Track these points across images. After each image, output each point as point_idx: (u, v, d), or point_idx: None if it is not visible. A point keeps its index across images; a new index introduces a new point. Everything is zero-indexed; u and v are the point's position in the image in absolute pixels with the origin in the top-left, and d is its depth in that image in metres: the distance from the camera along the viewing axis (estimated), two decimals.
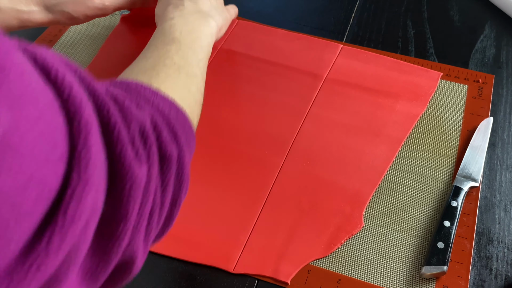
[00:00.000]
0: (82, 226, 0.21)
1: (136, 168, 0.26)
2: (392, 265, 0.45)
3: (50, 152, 0.20)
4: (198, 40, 0.46)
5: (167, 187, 0.30)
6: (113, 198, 0.25)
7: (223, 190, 0.49)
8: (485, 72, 0.60)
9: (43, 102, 0.20)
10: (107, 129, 0.25)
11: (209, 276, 0.44)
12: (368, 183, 0.50)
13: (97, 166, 0.22)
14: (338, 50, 0.62)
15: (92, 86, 0.25)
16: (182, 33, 0.45)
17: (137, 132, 0.27)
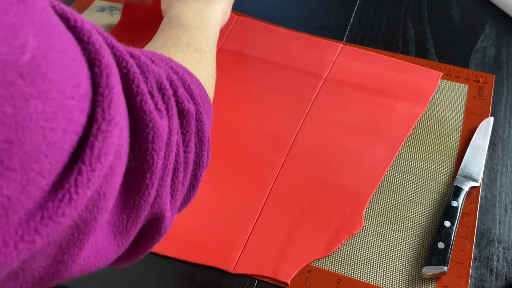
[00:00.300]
0: (108, 166, 0.21)
1: (157, 119, 0.26)
2: (392, 266, 0.45)
3: (76, 87, 0.20)
4: (204, 22, 0.47)
5: (189, 143, 0.31)
6: (137, 150, 0.25)
7: (223, 190, 0.49)
8: (486, 72, 0.60)
9: (66, 38, 0.21)
10: (126, 79, 0.25)
11: (209, 276, 0.44)
12: (368, 183, 0.50)
13: (120, 107, 0.23)
14: (338, 50, 0.62)
15: (110, 40, 0.26)
16: (187, 17, 0.46)
17: (155, 85, 0.28)
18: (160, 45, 0.42)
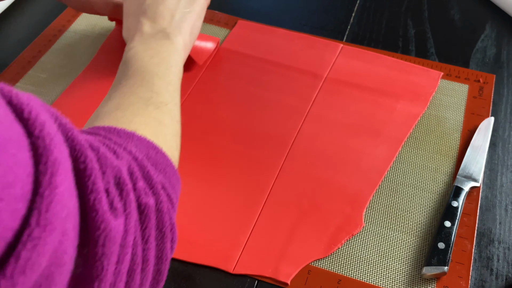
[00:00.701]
0: (37, 275, 0.19)
1: (111, 219, 0.24)
2: (393, 266, 0.45)
3: (7, 187, 0.18)
4: (164, 62, 0.43)
5: (149, 239, 0.28)
6: (86, 254, 0.23)
7: (223, 190, 0.49)
8: (486, 72, 0.60)
9: (5, 133, 0.19)
10: (82, 176, 0.23)
11: (209, 276, 0.44)
12: (368, 183, 0.49)
13: (62, 209, 0.21)
14: (338, 50, 0.62)
15: (71, 133, 0.24)
16: (144, 61, 0.42)
17: (113, 180, 0.26)
18: (115, 106, 0.37)
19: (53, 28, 0.66)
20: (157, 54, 0.43)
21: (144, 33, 0.46)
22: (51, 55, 0.63)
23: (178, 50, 0.46)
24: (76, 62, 0.62)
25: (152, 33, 0.46)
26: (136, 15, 0.48)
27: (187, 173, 0.50)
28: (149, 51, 0.43)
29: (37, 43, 0.64)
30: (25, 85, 0.59)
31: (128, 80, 0.40)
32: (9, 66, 0.61)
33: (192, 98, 0.57)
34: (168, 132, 0.38)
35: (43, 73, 0.61)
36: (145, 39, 0.45)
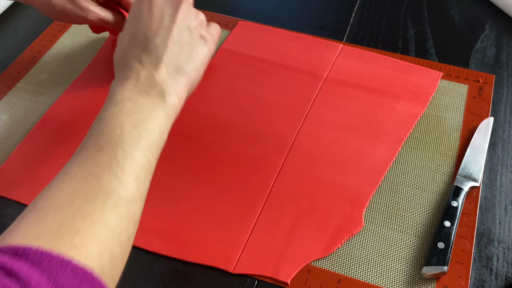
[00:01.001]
0: None
1: None
2: (392, 266, 0.45)
3: None
4: (146, 135, 0.37)
5: None
6: None
7: (223, 190, 0.49)
8: (486, 72, 0.60)
9: None
10: None
11: (209, 276, 0.44)
12: (368, 183, 0.50)
13: None
14: (338, 50, 0.62)
15: None
16: (123, 131, 0.36)
17: None
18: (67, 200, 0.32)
19: (54, 28, 0.66)
20: (142, 122, 0.37)
21: (138, 82, 0.40)
22: (52, 55, 0.63)
23: (169, 115, 0.40)
24: (77, 62, 0.62)
25: (147, 85, 0.40)
26: (137, 48, 0.42)
27: (187, 173, 0.51)
28: (133, 116, 0.37)
29: (37, 43, 0.64)
30: (25, 85, 0.59)
31: (97, 155, 0.35)
32: (9, 66, 0.61)
33: (192, 98, 0.57)
34: (119, 243, 0.32)
35: (43, 73, 0.61)
36: (136, 94, 0.39)
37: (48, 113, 0.56)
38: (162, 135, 0.39)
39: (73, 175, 0.34)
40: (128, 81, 0.40)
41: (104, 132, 0.36)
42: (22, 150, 0.53)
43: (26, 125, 0.55)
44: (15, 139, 0.54)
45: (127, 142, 0.36)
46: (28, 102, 0.58)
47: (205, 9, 0.68)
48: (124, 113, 0.37)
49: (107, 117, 0.37)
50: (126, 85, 0.40)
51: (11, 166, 0.52)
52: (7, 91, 0.59)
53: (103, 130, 0.37)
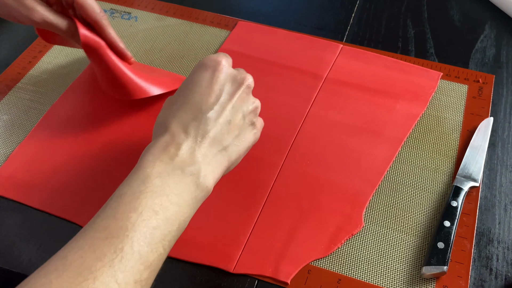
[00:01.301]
0: None
1: None
2: (392, 265, 0.45)
3: None
4: (163, 225, 0.34)
5: None
6: None
7: (223, 190, 0.49)
8: (485, 72, 0.60)
9: None
10: None
11: (209, 276, 0.44)
12: (368, 183, 0.50)
13: None
14: (338, 50, 0.62)
15: None
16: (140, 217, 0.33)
17: None
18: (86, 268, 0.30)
19: None
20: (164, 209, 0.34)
21: (176, 155, 0.37)
22: (52, 55, 0.63)
23: (197, 201, 0.38)
24: (77, 62, 0.62)
25: (185, 160, 0.37)
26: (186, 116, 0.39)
27: None
28: (157, 200, 0.34)
29: (38, 43, 0.64)
30: (26, 85, 0.59)
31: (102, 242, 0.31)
32: (10, 66, 0.61)
33: None
34: None
35: (44, 73, 0.61)
36: (170, 170, 0.36)
37: (48, 113, 0.56)
38: (182, 224, 0.36)
39: (67, 265, 0.30)
40: (165, 150, 0.37)
41: (118, 214, 0.33)
42: (22, 150, 0.53)
43: (26, 125, 0.55)
44: (15, 139, 0.54)
45: (139, 235, 0.32)
46: (28, 102, 0.58)
47: (205, 9, 0.68)
48: (148, 194, 0.34)
49: (127, 195, 0.34)
50: (162, 157, 0.37)
51: (11, 166, 0.52)
52: (7, 91, 0.59)
53: (118, 212, 0.33)
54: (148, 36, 0.65)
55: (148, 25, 0.66)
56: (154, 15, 0.68)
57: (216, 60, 0.42)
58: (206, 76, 0.41)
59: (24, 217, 0.48)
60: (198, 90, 0.41)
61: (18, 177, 0.51)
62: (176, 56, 0.62)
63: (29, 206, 0.49)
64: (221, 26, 0.66)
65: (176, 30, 0.66)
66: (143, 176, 0.35)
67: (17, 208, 0.49)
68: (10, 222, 0.48)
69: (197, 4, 0.69)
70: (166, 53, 0.63)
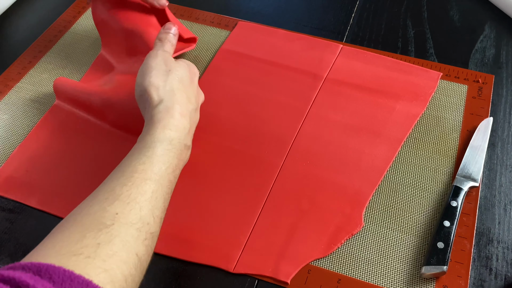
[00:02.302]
0: None
1: None
2: (392, 265, 0.45)
3: None
4: (173, 182, 0.42)
5: None
6: None
7: (223, 190, 0.49)
8: (485, 72, 0.60)
9: None
10: None
11: (209, 276, 0.44)
12: (368, 183, 0.50)
13: None
14: (338, 50, 0.62)
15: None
16: (160, 174, 0.39)
17: None
18: (78, 236, 0.33)
19: (54, 28, 0.66)
20: (174, 169, 0.41)
21: (175, 139, 0.42)
22: (52, 55, 0.63)
23: (184, 161, 0.45)
24: (77, 62, 0.62)
25: (180, 141, 0.43)
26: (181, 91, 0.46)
27: (187, 173, 0.51)
28: (170, 161, 0.41)
29: (38, 43, 0.64)
30: (26, 85, 0.59)
31: (131, 189, 0.37)
32: (10, 66, 0.61)
33: None
34: (140, 270, 0.35)
35: (44, 73, 0.61)
36: (171, 150, 0.42)
37: (48, 113, 0.56)
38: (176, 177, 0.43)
39: (116, 196, 0.36)
40: (163, 131, 0.42)
41: (140, 171, 0.39)
42: (22, 150, 0.53)
43: (26, 125, 0.55)
44: (15, 139, 0.54)
45: (167, 182, 0.40)
46: (28, 102, 0.58)
47: (205, 9, 0.68)
48: (163, 156, 0.41)
49: (146, 155, 0.40)
50: (167, 125, 0.43)
51: (11, 166, 0.52)
52: (8, 91, 0.59)
53: (140, 169, 0.39)
54: None
55: None
56: None
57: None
58: (196, 81, 0.51)
59: (23, 217, 0.48)
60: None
61: (18, 177, 0.51)
62: (177, 56, 0.62)
63: (29, 206, 0.49)
64: (221, 26, 0.66)
65: None
66: (145, 147, 0.41)
67: (18, 207, 0.49)
68: (10, 222, 0.48)
69: (197, 4, 0.69)
70: None
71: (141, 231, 0.35)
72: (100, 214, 0.35)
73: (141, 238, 0.35)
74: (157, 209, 0.37)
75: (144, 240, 0.35)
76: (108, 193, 0.36)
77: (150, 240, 0.36)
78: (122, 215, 0.35)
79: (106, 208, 0.35)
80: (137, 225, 0.35)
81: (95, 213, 0.35)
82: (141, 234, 0.35)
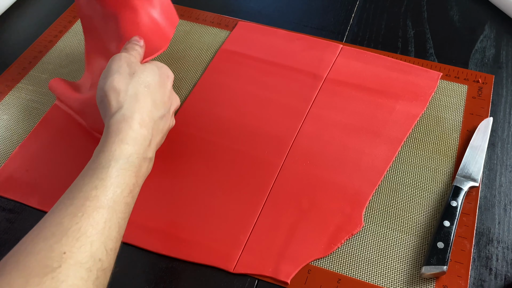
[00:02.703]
0: None
1: None
2: (392, 265, 0.45)
3: None
4: (131, 203, 0.38)
5: None
6: None
7: (223, 190, 0.49)
8: (485, 72, 0.60)
9: None
10: None
11: (209, 275, 0.44)
12: (368, 183, 0.50)
13: None
14: (338, 50, 0.62)
15: None
16: (114, 199, 0.36)
17: None
18: (20, 283, 0.30)
19: (54, 28, 0.66)
20: (131, 190, 0.38)
21: (133, 154, 0.39)
22: (52, 55, 0.63)
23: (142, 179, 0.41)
24: (77, 62, 0.62)
25: (140, 157, 0.39)
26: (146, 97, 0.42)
27: (187, 173, 0.51)
28: (126, 182, 0.37)
29: (38, 43, 0.64)
30: (26, 85, 0.59)
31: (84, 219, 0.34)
32: (10, 66, 0.61)
33: (193, 98, 0.58)
34: None
35: (44, 74, 0.61)
36: (128, 167, 0.38)
37: (48, 113, 0.56)
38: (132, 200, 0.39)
39: (64, 230, 0.33)
40: (120, 145, 0.39)
41: (92, 196, 0.36)
42: (22, 150, 0.53)
43: (26, 125, 0.55)
44: (15, 139, 0.54)
45: (117, 212, 0.36)
46: (28, 102, 0.58)
47: (205, 9, 0.69)
48: (121, 177, 0.38)
49: (99, 176, 0.37)
50: (124, 140, 0.39)
51: (11, 166, 0.52)
52: (8, 91, 0.59)
53: (91, 196, 0.36)
54: None
55: None
56: None
57: None
58: (169, 85, 0.47)
59: (23, 217, 0.48)
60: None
61: (18, 177, 0.51)
62: (177, 56, 0.62)
63: (29, 206, 0.49)
64: (221, 26, 0.66)
65: (177, 30, 0.66)
66: (109, 156, 0.39)
67: (18, 207, 0.49)
68: (10, 222, 0.48)
69: (197, 4, 0.69)
70: (167, 54, 0.63)
71: (91, 271, 0.32)
72: (46, 254, 0.31)
73: (91, 279, 0.32)
74: (110, 240, 0.34)
75: (95, 280, 0.32)
76: (55, 227, 0.33)
77: (103, 278, 0.33)
78: (71, 254, 0.31)
79: (52, 247, 0.31)
80: (88, 264, 0.32)
81: (39, 252, 0.31)
82: (91, 274, 0.32)
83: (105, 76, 0.43)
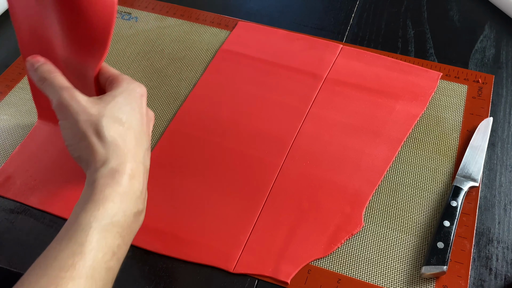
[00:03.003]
0: None
1: None
2: (392, 265, 0.45)
3: None
4: (116, 267, 0.34)
5: None
6: None
7: (223, 190, 0.49)
8: (485, 72, 0.60)
9: None
10: None
11: (209, 275, 0.44)
12: (368, 183, 0.50)
13: None
14: (338, 50, 0.62)
15: None
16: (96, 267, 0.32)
17: None
18: None
19: None
20: (115, 252, 0.34)
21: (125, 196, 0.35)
22: None
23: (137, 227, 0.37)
24: None
25: (131, 201, 0.35)
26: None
27: (187, 172, 0.51)
28: (109, 245, 0.33)
29: None
30: (26, 85, 0.59)
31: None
32: (10, 66, 0.61)
33: (193, 98, 0.58)
34: None
35: None
36: (118, 219, 0.34)
37: None
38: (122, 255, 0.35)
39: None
40: (109, 196, 0.35)
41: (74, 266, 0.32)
42: (22, 150, 0.53)
43: (26, 125, 0.55)
44: (15, 139, 0.54)
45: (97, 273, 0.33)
46: (28, 102, 0.58)
47: (205, 9, 0.69)
48: (102, 240, 0.34)
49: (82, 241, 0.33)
50: (109, 197, 0.35)
51: (11, 166, 0.52)
52: (8, 91, 0.59)
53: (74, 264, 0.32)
54: (149, 36, 0.65)
55: (149, 25, 0.66)
56: (154, 15, 0.68)
57: None
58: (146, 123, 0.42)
59: (23, 217, 0.48)
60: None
61: (18, 177, 0.51)
62: (177, 56, 0.63)
63: (29, 206, 0.49)
64: (221, 26, 0.66)
65: (177, 30, 0.66)
66: (91, 218, 0.35)
67: (18, 207, 0.49)
68: (10, 222, 0.48)
69: (197, 4, 0.69)
70: (167, 54, 0.63)
71: None
72: None
73: None
74: None
75: None
76: None
77: None
78: None
79: None
80: None
81: None
82: None
83: (72, 135, 0.38)
